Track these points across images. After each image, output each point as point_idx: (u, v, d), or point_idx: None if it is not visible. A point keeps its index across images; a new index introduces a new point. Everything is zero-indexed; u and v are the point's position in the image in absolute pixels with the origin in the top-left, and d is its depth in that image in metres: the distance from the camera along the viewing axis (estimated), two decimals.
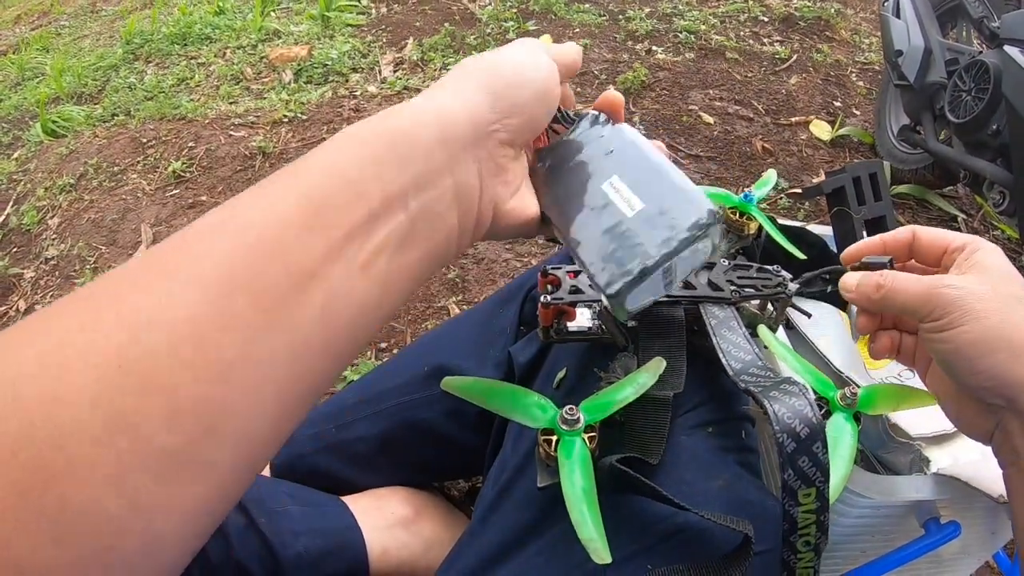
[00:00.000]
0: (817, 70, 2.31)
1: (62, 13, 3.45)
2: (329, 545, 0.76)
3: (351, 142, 0.36)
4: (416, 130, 0.38)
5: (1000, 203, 1.41)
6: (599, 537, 0.44)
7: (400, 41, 2.42)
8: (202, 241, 0.31)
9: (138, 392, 0.27)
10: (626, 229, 0.43)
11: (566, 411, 0.48)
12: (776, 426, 0.44)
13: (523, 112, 0.43)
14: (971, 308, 0.46)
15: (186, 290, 0.29)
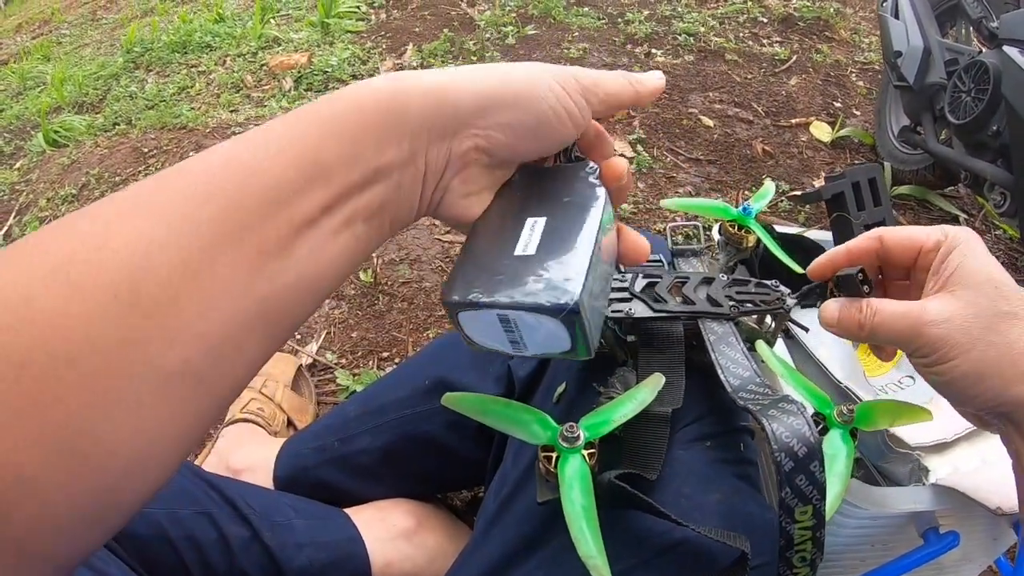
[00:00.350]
0: (817, 71, 2.31)
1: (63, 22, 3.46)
2: (333, 557, 0.77)
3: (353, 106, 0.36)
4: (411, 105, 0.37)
5: (1001, 204, 1.41)
6: (599, 554, 0.45)
7: (400, 47, 2.43)
8: (216, 177, 0.32)
9: (147, 314, 0.28)
10: (501, 261, 0.40)
11: (566, 428, 0.49)
12: (774, 445, 0.45)
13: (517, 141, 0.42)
14: (957, 343, 0.45)
15: (197, 224, 0.30)
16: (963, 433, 0.69)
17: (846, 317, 0.51)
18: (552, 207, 0.43)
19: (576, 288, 0.37)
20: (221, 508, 0.73)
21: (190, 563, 0.68)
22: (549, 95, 0.41)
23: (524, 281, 0.38)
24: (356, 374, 1.23)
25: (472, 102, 0.39)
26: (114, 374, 0.27)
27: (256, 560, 0.73)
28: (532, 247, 0.40)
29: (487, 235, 0.43)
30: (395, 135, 0.37)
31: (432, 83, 0.38)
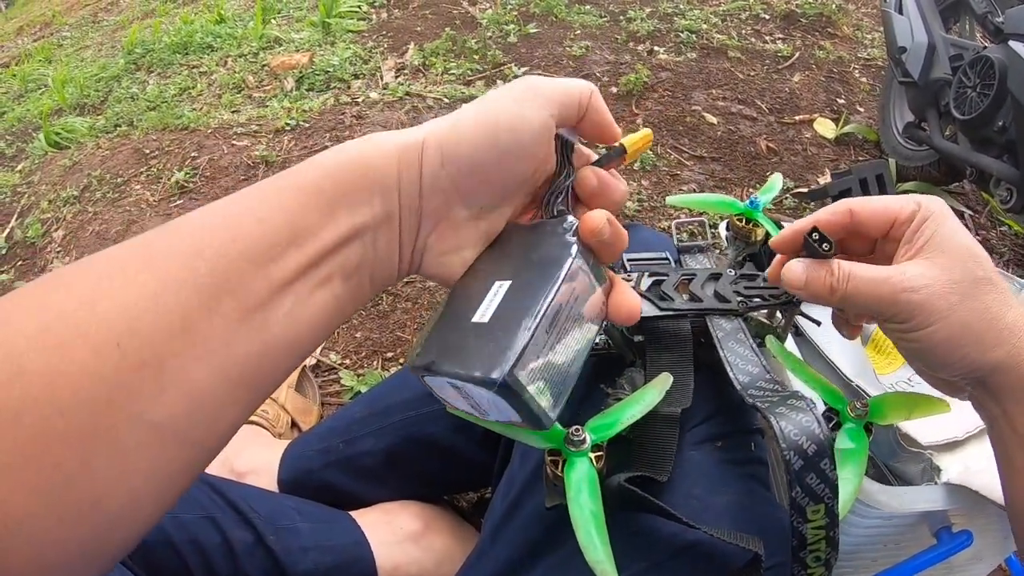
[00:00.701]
0: (820, 67, 2.30)
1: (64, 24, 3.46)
2: (338, 561, 0.76)
3: (325, 171, 0.37)
4: (378, 165, 0.38)
5: (1007, 200, 1.40)
6: (607, 559, 0.44)
7: (401, 46, 2.42)
8: (198, 240, 0.33)
9: (133, 370, 0.30)
10: (459, 327, 0.39)
11: (572, 432, 0.48)
12: (782, 444, 0.44)
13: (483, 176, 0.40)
14: (936, 308, 0.44)
15: (180, 285, 0.32)
16: (974, 431, 0.68)
17: (814, 279, 0.48)
18: (519, 269, 0.41)
19: (507, 363, 0.35)
20: (225, 512, 0.72)
21: (194, 568, 0.68)
22: (501, 113, 0.40)
23: (469, 351, 0.37)
24: (360, 375, 1.23)
25: (434, 152, 0.39)
26: (101, 427, 0.29)
27: (260, 564, 0.72)
28: (489, 313, 0.39)
29: (458, 298, 0.42)
30: (365, 196, 0.37)
31: (399, 142, 0.39)
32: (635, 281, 0.60)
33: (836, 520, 0.46)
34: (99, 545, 0.30)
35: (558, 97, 0.42)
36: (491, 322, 0.38)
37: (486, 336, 0.37)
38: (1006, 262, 1.64)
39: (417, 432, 0.81)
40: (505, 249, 0.43)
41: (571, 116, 0.43)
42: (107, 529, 0.30)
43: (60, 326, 0.29)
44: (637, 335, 0.60)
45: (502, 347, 0.36)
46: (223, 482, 0.76)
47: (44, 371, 0.28)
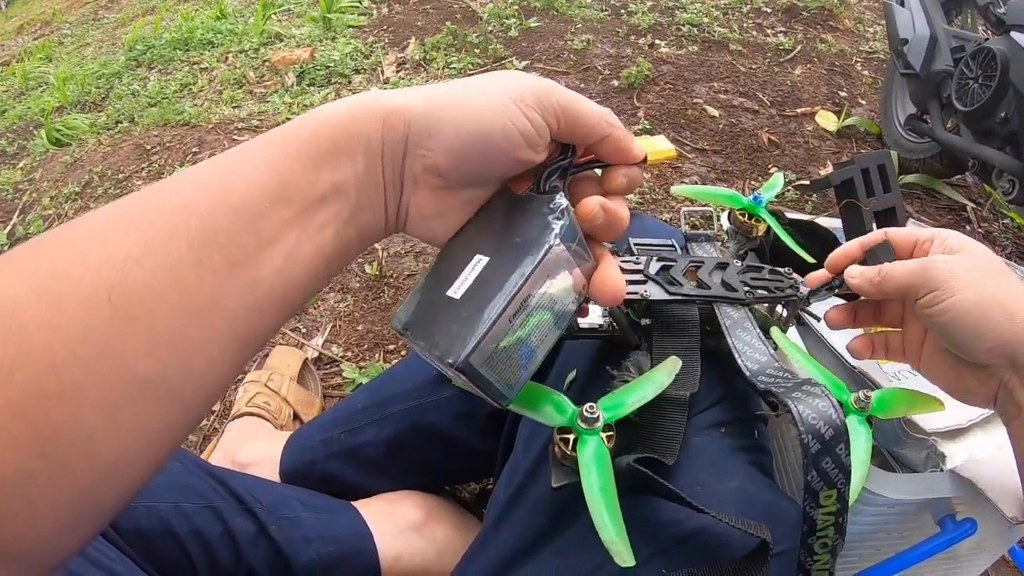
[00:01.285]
0: (821, 60, 2.29)
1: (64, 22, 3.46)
2: (341, 551, 0.76)
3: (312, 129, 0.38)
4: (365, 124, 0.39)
5: (1010, 191, 1.39)
6: (621, 539, 0.44)
7: (402, 41, 2.42)
8: (189, 196, 0.34)
9: (124, 324, 0.30)
10: (435, 298, 0.41)
11: (586, 409, 0.47)
12: (801, 427, 0.44)
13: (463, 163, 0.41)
14: (961, 278, 0.50)
15: (171, 239, 0.32)
16: (977, 419, 0.68)
17: (867, 270, 0.56)
18: (500, 246, 0.41)
19: (464, 350, 0.37)
20: (227, 502, 0.72)
21: (196, 558, 0.68)
22: (500, 114, 0.39)
23: (438, 326, 0.40)
24: (362, 367, 1.23)
25: (422, 122, 0.39)
26: (92, 382, 0.29)
27: (263, 554, 0.72)
28: (463, 289, 0.40)
29: (442, 263, 0.43)
30: (348, 152, 0.38)
31: (389, 103, 0.39)
32: (644, 265, 0.59)
33: (846, 506, 0.46)
34: (90, 504, 0.31)
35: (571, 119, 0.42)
36: (462, 299, 0.40)
37: (454, 314, 0.39)
38: (1008, 254, 1.63)
39: (419, 422, 0.81)
40: (493, 219, 0.43)
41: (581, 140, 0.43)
42: (98, 487, 0.30)
43: (54, 282, 0.29)
44: (645, 319, 0.60)
45: (464, 332, 0.38)
46: (225, 472, 0.76)
47: (39, 327, 0.28)
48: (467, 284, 0.40)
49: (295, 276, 0.36)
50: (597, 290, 0.43)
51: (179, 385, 0.32)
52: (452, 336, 0.38)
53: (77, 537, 0.31)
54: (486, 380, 0.39)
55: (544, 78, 0.42)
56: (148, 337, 0.30)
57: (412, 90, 0.40)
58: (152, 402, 0.31)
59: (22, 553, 0.29)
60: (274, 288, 0.35)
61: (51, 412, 0.28)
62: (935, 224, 1.65)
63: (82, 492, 0.30)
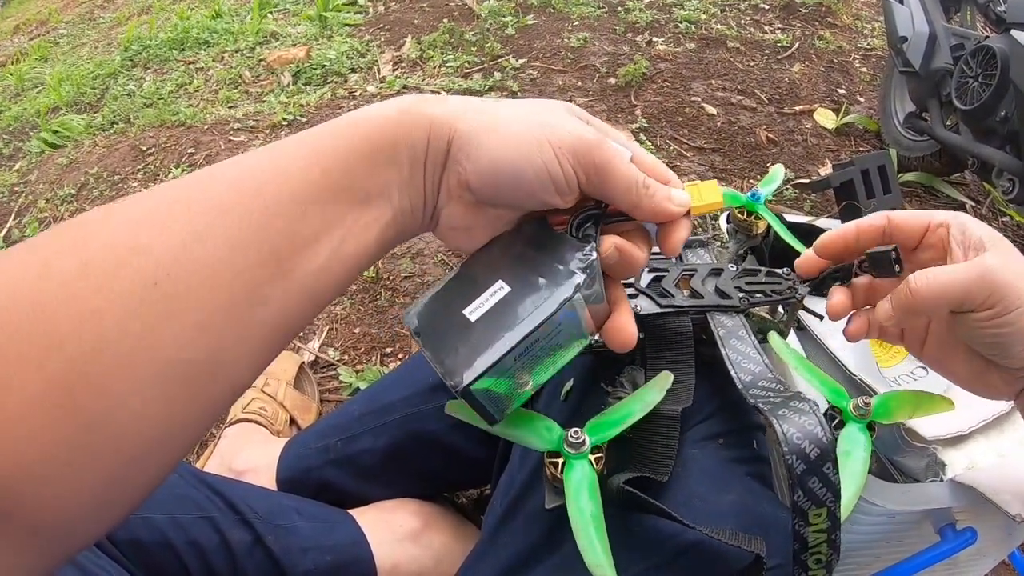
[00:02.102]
0: (820, 57, 2.29)
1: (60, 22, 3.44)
2: (338, 561, 0.76)
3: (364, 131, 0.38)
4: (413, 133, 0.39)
5: (1010, 191, 1.39)
6: (607, 563, 0.43)
7: (398, 39, 2.41)
8: (239, 187, 0.34)
9: (169, 312, 0.30)
10: (450, 313, 0.42)
11: (571, 434, 0.47)
12: (784, 447, 0.43)
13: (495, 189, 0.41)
14: (1020, 288, 0.45)
15: (221, 229, 0.32)
16: (978, 425, 0.68)
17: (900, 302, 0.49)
18: (523, 281, 0.42)
19: (468, 378, 0.39)
20: (223, 512, 0.71)
21: (193, 569, 0.67)
22: (536, 155, 0.39)
23: (447, 342, 0.41)
24: (359, 371, 1.22)
25: (462, 140, 0.39)
26: (131, 365, 0.29)
27: (260, 565, 0.71)
28: (479, 313, 0.42)
29: (464, 275, 0.44)
30: (395, 157, 0.38)
31: (437, 113, 0.39)
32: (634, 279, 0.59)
33: (838, 523, 0.45)
34: (121, 487, 0.31)
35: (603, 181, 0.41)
36: (476, 323, 0.41)
37: (465, 337, 0.41)
38: None
39: (416, 430, 0.81)
40: (521, 246, 0.44)
41: (609, 202, 0.43)
42: (130, 472, 0.30)
43: (102, 261, 0.29)
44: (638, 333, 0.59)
45: (471, 358, 0.40)
46: (221, 481, 0.75)
47: (83, 307, 0.28)
48: (484, 309, 0.42)
49: (335, 274, 0.37)
50: (609, 337, 0.44)
51: (216, 375, 0.32)
52: (459, 359, 0.40)
53: (106, 520, 0.31)
54: (480, 405, 0.42)
55: (593, 130, 0.41)
56: (192, 326, 0.31)
57: (458, 101, 0.41)
58: (189, 390, 0.31)
59: (52, 536, 0.29)
60: (315, 284, 0.36)
61: (89, 396, 0.28)
62: None
63: (114, 477, 0.30)
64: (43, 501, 0.28)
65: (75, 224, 0.32)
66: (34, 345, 0.27)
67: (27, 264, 0.29)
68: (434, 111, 0.39)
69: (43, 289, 0.28)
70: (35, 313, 0.28)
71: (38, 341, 0.27)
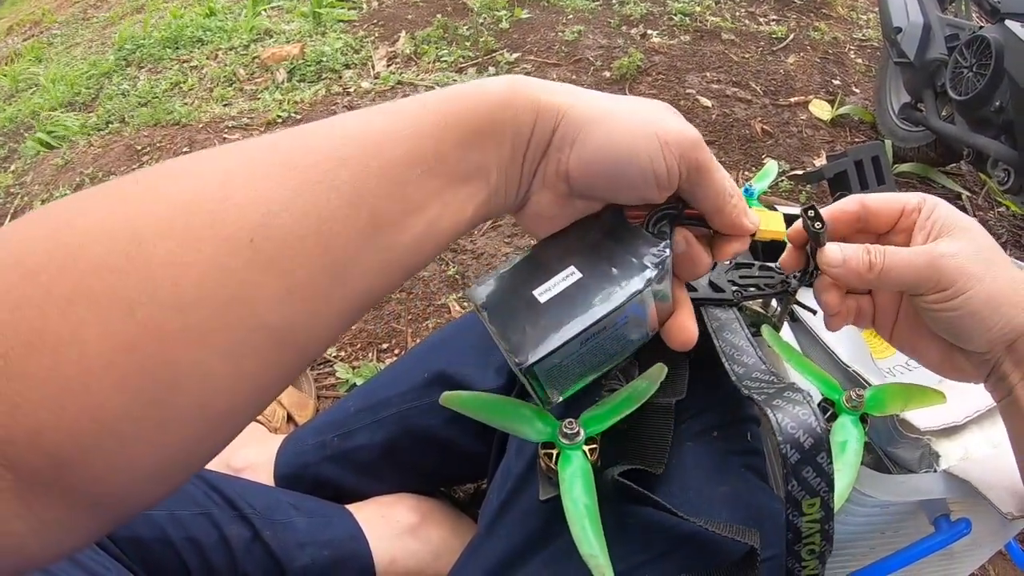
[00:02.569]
0: (815, 48, 2.28)
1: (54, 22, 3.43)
2: (336, 556, 0.76)
3: (471, 106, 0.37)
4: (518, 116, 0.38)
5: (1005, 180, 1.39)
6: (601, 553, 0.44)
7: (392, 35, 2.40)
8: (339, 147, 0.33)
9: (263, 270, 0.29)
10: (520, 291, 0.43)
11: (565, 425, 0.48)
12: (779, 437, 0.43)
13: (594, 181, 0.41)
14: (972, 273, 0.46)
15: (320, 189, 0.31)
16: (973, 415, 0.68)
17: (853, 257, 0.49)
18: (595, 269, 0.43)
19: (533, 358, 0.40)
20: (221, 508, 0.72)
21: (192, 565, 0.68)
22: (644, 148, 0.40)
23: (512, 321, 0.42)
24: (355, 367, 1.22)
25: (569, 128, 0.39)
26: (220, 327, 0.27)
27: (258, 560, 0.72)
28: (548, 296, 0.42)
29: (536, 258, 0.45)
30: (498, 137, 0.38)
31: (546, 98, 0.39)
32: None
33: (831, 514, 0.45)
34: (191, 452, 0.29)
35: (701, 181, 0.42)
36: (545, 305, 0.42)
37: (533, 318, 0.42)
38: (1004, 243, 1.63)
39: (413, 425, 0.81)
40: (596, 234, 0.45)
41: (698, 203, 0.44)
42: (204, 436, 0.29)
43: (189, 215, 0.28)
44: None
45: (537, 339, 0.41)
46: (219, 477, 0.75)
47: (167, 261, 0.27)
48: (554, 292, 0.42)
49: (427, 247, 0.36)
50: (671, 336, 0.46)
51: (303, 338, 0.31)
52: (525, 337, 0.41)
53: (167, 486, 0.30)
54: (539, 384, 0.42)
55: (693, 128, 0.42)
56: (285, 286, 0.29)
57: (566, 89, 0.40)
58: (276, 353, 0.30)
59: (110, 500, 0.28)
60: (407, 255, 0.35)
61: (171, 355, 0.26)
62: None
63: (187, 441, 0.28)
64: (107, 461, 0.26)
65: (164, 169, 0.30)
66: (123, 291, 0.25)
67: (127, 198, 0.28)
68: (542, 95, 0.39)
69: (129, 235, 0.26)
70: (129, 253, 0.26)
71: (128, 288, 0.26)
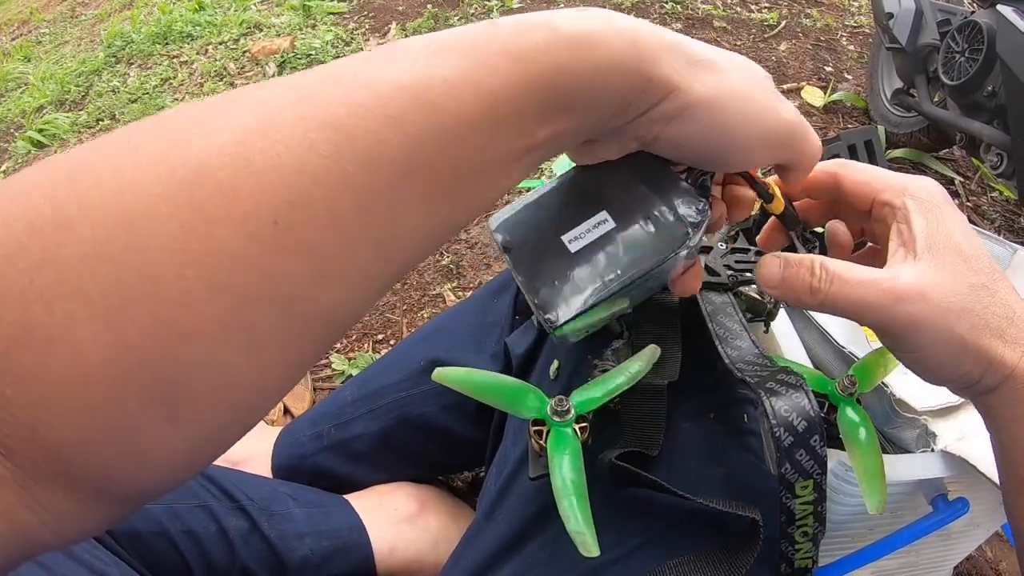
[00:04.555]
0: (807, 35, 2.28)
1: (42, 21, 3.41)
2: (335, 546, 0.76)
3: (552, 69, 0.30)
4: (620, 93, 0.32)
5: (998, 165, 1.39)
6: (587, 530, 0.44)
7: (383, 27, 2.39)
8: (386, 102, 0.26)
9: (291, 254, 0.24)
10: (547, 235, 0.40)
11: (555, 402, 0.48)
12: (772, 420, 0.43)
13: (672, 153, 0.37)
14: (931, 328, 0.39)
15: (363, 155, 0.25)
16: None
17: (792, 277, 0.42)
18: (629, 219, 0.40)
19: (563, 317, 0.38)
20: (219, 500, 0.71)
21: (190, 558, 0.67)
22: (744, 145, 0.37)
23: (540, 271, 0.39)
24: (351, 358, 1.22)
25: (673, 107, 0.34)
26: (240, 321, 0.24)
27: (257, 552, 0.72)
28: (579, 245, 0.39)
29: (563, 193, 0.41)
30: (581, 110, 0.32)
31: (659, 73, 0.32)
32: None
33: (824, 495, 0.46)
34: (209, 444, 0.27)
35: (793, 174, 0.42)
36: (575, 256, 0.39)
37: (562, 269, 0.39)
38: (997, 228, 1.63)
39: (409, 413, 0.81)
40: (632, 175, 0.41)
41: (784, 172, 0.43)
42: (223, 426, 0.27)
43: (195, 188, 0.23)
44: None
45: (568, 295, 0.38)
46: (217, 470, 0.75)
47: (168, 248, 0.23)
48: (584, 241, 0.39)
49: (477, 211, 0.31)
50: (680, 287, 0.44)
51: (335, 321, 0.28)
52: (554, 293, 0.39)
53: (181, 479, 0.27)
54: (562, 336, 0.41)
55: (799, 117, 0.39)
56: (318, 270, 0.25)
57: (680, 59, 0.34)
58: (307, 340, 0.27)
59: (114, 489, 0.25)
60: (456, 222, 0.31)
61: (179, 354, 0.23)
62: None
63: (201, 434, 0.26)
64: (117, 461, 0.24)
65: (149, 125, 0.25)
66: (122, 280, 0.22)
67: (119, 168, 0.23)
68: (655, 70, 0.32)
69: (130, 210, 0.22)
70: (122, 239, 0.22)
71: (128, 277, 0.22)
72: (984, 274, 0.41)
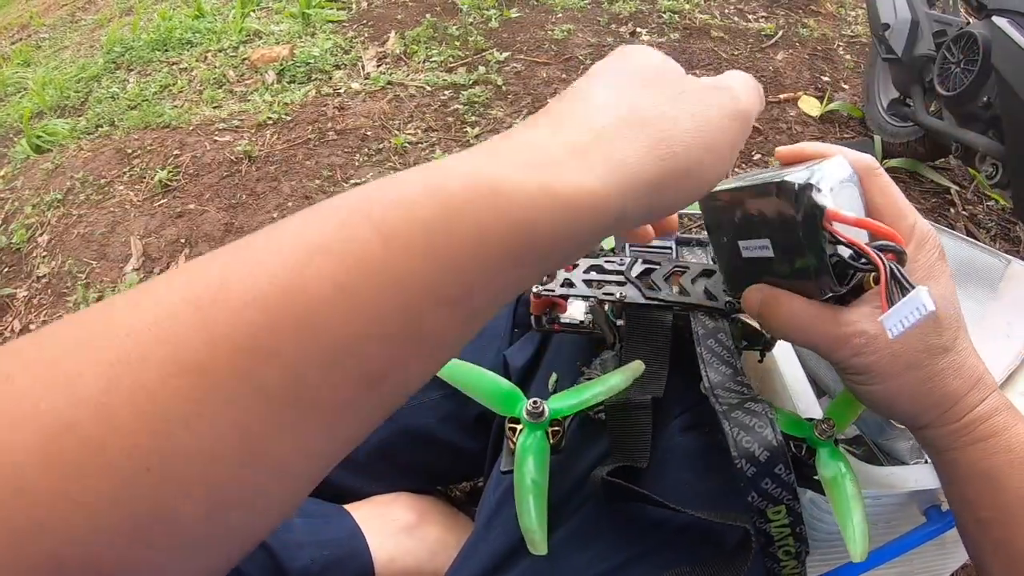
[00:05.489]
0: (804, 45, 2.29)
1: (42, 25, 3.41)
2: (335, 555, 0.76)
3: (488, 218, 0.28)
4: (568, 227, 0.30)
5: (993, 175, 1.40)
6: (539, 528, 0.46)
7: (382, 35, 2.40)
8: None
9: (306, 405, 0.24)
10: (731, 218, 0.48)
11: (531, 403, 0.49)
12: (733, 452, 0.44)
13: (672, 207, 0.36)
14: (882, 371, 0.43)
15: None
16: None
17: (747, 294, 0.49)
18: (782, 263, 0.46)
19: None
20: None
21: None
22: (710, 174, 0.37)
23: None
24: None
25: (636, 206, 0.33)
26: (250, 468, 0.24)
27: (257, 561, 0.72)
28: (747, 253, 0.48)
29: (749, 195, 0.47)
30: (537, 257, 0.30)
31: None
32: (626, 266, 0.59)
33: (800, 518, 0.46)
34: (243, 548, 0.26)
35: None
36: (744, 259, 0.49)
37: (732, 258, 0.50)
38: (993, 236, 1.64)
39: (408, 425, 0.81)
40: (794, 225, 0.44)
41: None
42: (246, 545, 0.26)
43: None
44: (620, 319, 0.60)
45: None
46: None
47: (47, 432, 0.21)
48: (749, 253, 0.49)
49: None
50: None
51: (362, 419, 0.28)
52: None
53: None
54: None
55: None
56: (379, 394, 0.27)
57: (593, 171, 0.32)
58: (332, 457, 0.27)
59: None
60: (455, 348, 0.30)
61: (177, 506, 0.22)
62: (920, 207, 1.66)
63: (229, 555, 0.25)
64: None
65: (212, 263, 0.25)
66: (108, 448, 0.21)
67: None
68: None
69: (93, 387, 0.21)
70: None
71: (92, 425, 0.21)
72: (947, 336, 0.44)
